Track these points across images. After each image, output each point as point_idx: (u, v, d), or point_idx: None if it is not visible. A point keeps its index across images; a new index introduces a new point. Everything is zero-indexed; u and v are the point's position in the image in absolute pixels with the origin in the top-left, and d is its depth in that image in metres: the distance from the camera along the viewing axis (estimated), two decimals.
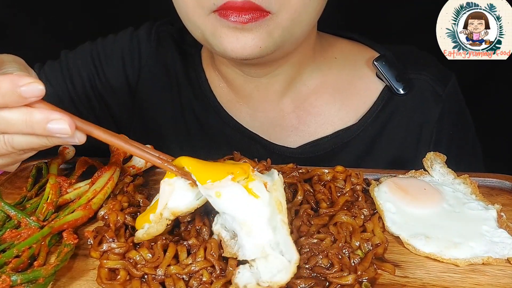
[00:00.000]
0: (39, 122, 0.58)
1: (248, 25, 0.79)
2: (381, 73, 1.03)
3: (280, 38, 0.84)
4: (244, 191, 0.62)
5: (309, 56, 1.02)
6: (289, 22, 0.82)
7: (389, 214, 0.75)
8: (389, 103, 1.04)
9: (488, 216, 0.73)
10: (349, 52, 1.09)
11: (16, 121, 0.58)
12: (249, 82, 1.02)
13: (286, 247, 0.61)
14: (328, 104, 1.06)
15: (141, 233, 0.67)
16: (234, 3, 0.78)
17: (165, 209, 0.65)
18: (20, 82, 0.57)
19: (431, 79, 1.05)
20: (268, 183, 0.65)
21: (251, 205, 0.62)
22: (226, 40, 0.82)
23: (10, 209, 0.72)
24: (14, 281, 0.60)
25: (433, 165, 0.86)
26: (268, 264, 0.61)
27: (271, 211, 0.63)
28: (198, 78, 1.10)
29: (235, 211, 0.62)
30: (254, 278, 0.60)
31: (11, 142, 0.62)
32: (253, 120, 1.07)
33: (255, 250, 0.61)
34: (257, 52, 0.83)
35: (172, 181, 0.66)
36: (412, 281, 0.64)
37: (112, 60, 1.13)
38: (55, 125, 0.58)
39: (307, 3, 0.82)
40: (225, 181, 0.62)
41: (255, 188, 0.63)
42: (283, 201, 0.63)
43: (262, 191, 0.63)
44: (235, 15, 0.79)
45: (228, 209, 0.63)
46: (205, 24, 0.84)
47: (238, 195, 0.62)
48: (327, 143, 1.04)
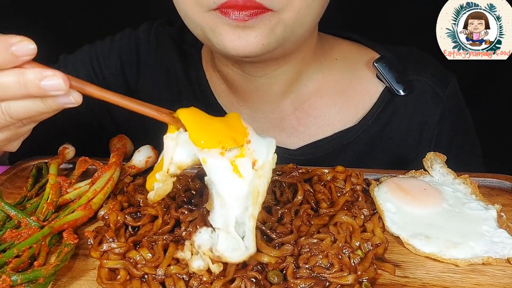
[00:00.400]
0: (32, 80, 0.57)
1: (249, 22, 0.79)
2: (381, 75, 1.03)
3: (282, 35, 0.83)
4: (229, 168, 0.61)
5: (310, 57, 1.02)
6: (292, 21, 0.82)
7: (389, 214, 0.75)
8: (389, 105, 1.04)
9: (488, 216, 0.74)
10: (350, 54, 1.09)
11: (9, 83, 0.57)
12: (250, 83, 1.01)
13: (248, 236, 0.61)
14: (328, 106, 1.06)
15: (152, 195, 0.65)
16: (236, 1, 0.78)
17: (171, 164, 0.64)
18: (11, 40, 0.55)
19: (431, 80, 1.05)
20: (259, 161, 0.63)
21: (232, 182, 0.61)
22: (227, 38, 0.82)
23: (10, 209, 0.72)
24: (14, 281, 0.60)
25: (433, 165, 0.86)
26: (228, 238, 0.61)
27: (248, 195, 0.62)
28: (198, 79, 1.10)
29: (216, 180, 0.62)
30: (209, 243, 0.62)
31: (8, 111, 0.60)
32: (253, 121, 1.07)
33: (222, 221, 0.62)
34: (259, 49, 0.82)
35: (174, 135, 0.64)
36: (412, 281, 0.64)
37: (111, 61, 1.13)
38: (48, 82, 0.56)
39: (310, 4, 0.82)
40: (214, 151, 0.61)
41: (242, 165, 0.62)
42: (262, 192, 0.62)
43: (248, 171, 0.62)
44: (236, 12, 0.78)
45: (211, 175, 0.62)
46: (205, 21, 0.83)
47: (223, 169, 0.61)
48: (327, 145, 1.04)
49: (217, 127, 0.63)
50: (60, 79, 0.56)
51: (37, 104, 0.60)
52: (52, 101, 0.59)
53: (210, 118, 0.64)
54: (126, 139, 0.93)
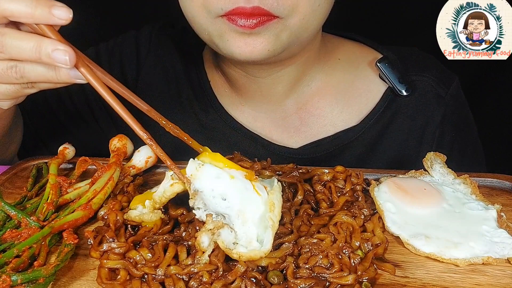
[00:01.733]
0: (46, 49, 0.63)
1: (256, 30, 0.80)
2: (383, 75, 1.03)
3: (287, 40, 0.84)
4: (251, 186, 0.68)
5: (313, 57, 1.02)
6: (297, 27, 0.83)
7: (389, 214, 0.75)
8: (392, 105, 1.04)
9: (488, 216, 0.74)
10: (352, 54, 1.09)
11: (26, 46, 0.64)
12: (252, 83, 1.01)
13: (265, 240, 0.66)
14: (331, 106, 1.06)
15: (133, 214, 0.73)
16: (243, 9, 0.78)
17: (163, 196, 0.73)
18: (56, 2, 0.63)
19: (434, 81, 1.05)
20: (268, 187, 0.70)
21: (252, 200, 0.67)
22: (234, 44, 0.82)
23: (11, 209, 0.72)
24: (14, 281, 0.60)
25: (433, 165, 0.86)
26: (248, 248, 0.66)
27: (265, 210, 0.67)
28: (200, 79, 1.10)
29: (238, 199, 0.67)
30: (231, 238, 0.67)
31: (22, 71, 0.67)
32: (255, 121, 1.07)
33: (245, 238, 0.66)
34: (265, 55, 0.83)
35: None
36: (412, 281, 0.64)
37: (112, 62, 1.14)
38: (57, 55, 0.63)
39: (316, 9, 0.83)
40: (239, 172, 0.70)
41: (258, 188, 0.69)
42: (276, 204, 0.69)
43: (263, 191, 0.69)
44: (244, 20, 0.79)
45: (232, 194, 0.67)
46: (212, 27, 0.84)
47: (246, 187, 0.68)
48: (328, 144, 1.04)
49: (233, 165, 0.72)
50: (67, 57, 0.63)
51: (50, 72, 0.67)
52: (63, 73, 0.66)
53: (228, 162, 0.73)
54: (126, 139, 0.93)
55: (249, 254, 0.64)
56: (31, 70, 0.67)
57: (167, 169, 0.91)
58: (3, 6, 0.63)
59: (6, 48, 0.65)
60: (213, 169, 0.69)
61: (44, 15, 0.62)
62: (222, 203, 0.67)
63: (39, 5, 0.62)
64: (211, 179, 0.68)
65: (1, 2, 0.63)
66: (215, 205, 0.68)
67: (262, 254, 0.65)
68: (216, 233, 0.65)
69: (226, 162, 0.70)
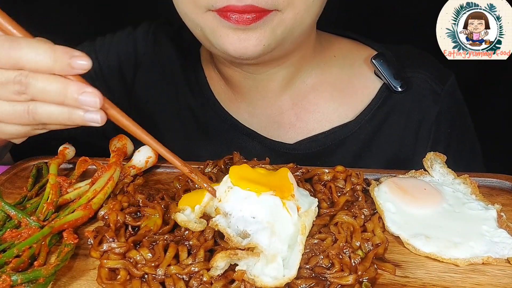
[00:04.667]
0: (73, 92, 0.61)
1: (252, 25, 0.79)
2: (379, 71, 1.03)
3: (281, 36, 0.84)
4: (281, 203, 0.68)
5: (309, 55, 1.03)
6: (292, 22, 0.83)
7: (389, 214, 0.75)
8: (387, 101, 1.04)
9: (488, 216, 0.73)
10: (348, 51, 1.09)
11: (51, 89, 0.61)
12: (248, 80, 1.02)
13: (291, 263, 0.64)
14: (327, 102, 1.06)
15: (179, 218, 0.70)
16: (235, 7, 0.78)
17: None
18: (74, 53, 0.60)
19: (429, 77, 1.05)
20: (302, 209, 0.70)
21: (282, 216, 0.67)
22: (227, 40, 0.82)
23: (11, 209, 0.72)
24: (14, 280, 0.60)
25: (433, 165, 0.86)
26: (268, 265, 0.62)
27: (295, 231, 0.67)
28: (197, 77, 1.10)
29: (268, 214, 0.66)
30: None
31: (34, 112, 0.63)
32: (251, 117, 1.07)
33: (273, 249, 0.64)
34: (260, 50, 0.83)
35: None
36: (412, 281, 0.64)
37: (109, 58, 1.14)
38: (86, 97, 0.61)
39: (310, 5, 0.83)
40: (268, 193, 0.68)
41: (289, 207, 0.68)
42: (308, 227, 0.68)
43: (295, 212, 0.68)
44: (237, 15, 0.78)
45: (260, 210, 0.67)
46: (204, 22, 0.84)
47: (275, 203, 0.67)
48: (324, 139, 1.04)
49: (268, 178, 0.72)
50: (97, 98, 0.61)
51: (63, 115, 0.63)
52: (78, 115, 0.63)
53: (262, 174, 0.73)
54: (126, 139, 0.93)
55: (274, 283, 0.61)
56: (43, 111, 0.63)
57: (167, 169, 0.92)
58: (16, 54, 0.60)
59: (30, 89, 0.61)
60: (241, 191, 0.68)
61: (64, 68, 0.60)
62: (252, 220, 0.67)
63: (59, 59, 0.60)
64: (240, 201, 0.68)
65: (16, 50, 0.60)
66: (244, 223, 0.67)
67: (287, 281, 0.62)
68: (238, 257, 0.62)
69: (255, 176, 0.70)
